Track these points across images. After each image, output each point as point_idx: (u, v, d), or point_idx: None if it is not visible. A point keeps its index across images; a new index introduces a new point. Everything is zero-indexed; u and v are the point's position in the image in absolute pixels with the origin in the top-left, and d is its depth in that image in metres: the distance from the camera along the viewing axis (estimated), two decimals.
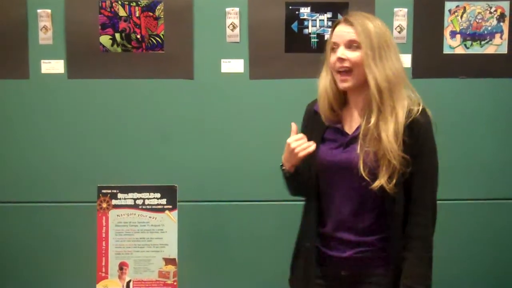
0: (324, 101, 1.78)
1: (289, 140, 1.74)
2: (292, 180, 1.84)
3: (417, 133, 1.71)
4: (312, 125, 1.84)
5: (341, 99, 1.80)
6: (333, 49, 1.74)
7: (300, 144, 1.72)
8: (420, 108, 1.75)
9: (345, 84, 1.72)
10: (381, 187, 1.66)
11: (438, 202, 2.61)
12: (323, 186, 1.79)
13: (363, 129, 1.71)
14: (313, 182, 1.80)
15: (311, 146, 1.72)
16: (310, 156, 1.76)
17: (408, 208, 1.73)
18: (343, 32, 1.72)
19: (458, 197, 2.65)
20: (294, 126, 1.78)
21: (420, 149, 1.72)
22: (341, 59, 1.70)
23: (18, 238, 2.65)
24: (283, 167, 1.81)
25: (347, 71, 1.71)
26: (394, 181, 1.66)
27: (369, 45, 1.69)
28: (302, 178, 1.82)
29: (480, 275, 2.69)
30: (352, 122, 1.79)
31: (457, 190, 2.65)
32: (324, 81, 1.79)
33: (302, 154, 1.72)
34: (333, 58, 1.73)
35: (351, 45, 1.70)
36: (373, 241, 1.75)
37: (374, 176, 1.67)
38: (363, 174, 1.67)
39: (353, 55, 1.70)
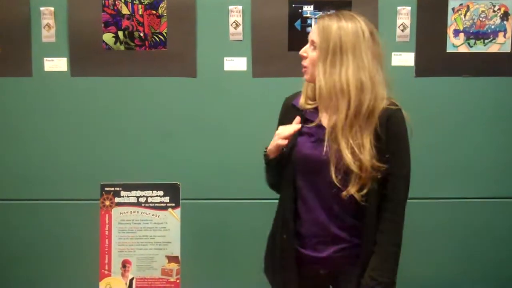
0: (306, 89, 1.82)
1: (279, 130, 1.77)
2: (272, 168, 1.85)
3: (390, 133, 1.71)
4: (291, 119, 1.83)
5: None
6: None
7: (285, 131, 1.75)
8: (393, 108, 1.74)
9: (305, 75, 1.78)
10: (350, 197, 1.67)
11: (442, 200, 2.64)
12: (300, 181, 1.78)
13: (328, 129, 1.71)
14: (289, 176, 1.79)
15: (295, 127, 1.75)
16: (289, 150, 1.79)
17: (381, 204, 1.74)
18: (311, 31, 1.78)
19: (460, 195, 2.65)
20: (298, 119, 1.78)
21: (394, 147, 1.71)
22: (301, 56, 1.77)
23: (21, 236, 2.65)
24: (266, 153, 1.83)
25: (305, 67, 1.77)
26: (365, 190, 1.67)
27: (324, 48, 1.69)
28: (279, 169, 1.83)
29: (482, 273, 2.69)
30: (329, 117, 1.76)
31: (459, 189, 2.65)
32: None
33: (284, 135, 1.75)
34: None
35: (312, 44, 1.75)
36: (349, 238, 1.76)
37: (345, 183, 1.67)
38: (335, 181, 1.67)
39: (311, 54, 1.74)
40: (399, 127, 1.75)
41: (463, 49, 2.59)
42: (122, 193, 2.26)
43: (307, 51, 1.75)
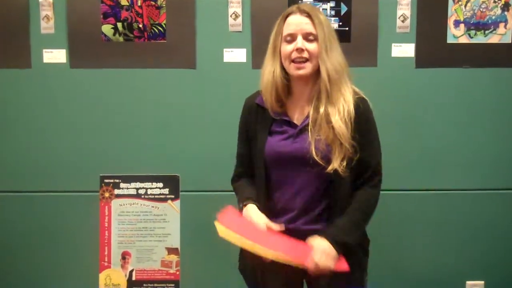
0: (271, 90, 1.81)
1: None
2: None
3: (363, 118, 1.79)
4: (256, 119, 1.86)
5: (287, 89, 1.83)
6: (289, 40, 1.77)
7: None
8: (361, 95, 1.83)
9: (301, 71, 1.76)
10: (334, 172, 1.71)
11: (443, 192, 2.64)
12: (274, 179, 1.82)
13: (312, 117, 1.77)
14: (261, 176, 1.83)
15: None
16: (256, 151, 1.82)
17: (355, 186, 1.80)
18: (302, 23, 1.77)
19: (460, 187, 2.65)
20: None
21: (366, 130, 1.80)
22: (300, 50, 1.75)
23: (20, 228, 2.65)
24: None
25: (304, 61, 1.76)
26: (345, 163, 1.72)
27: (323, 37, 1.76)
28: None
29: (481, 265, 2.70)
30: (299, 113, 1.83)
31: (459, 180, 2.65)
32: (270, 71, 1.82)
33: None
34: (289, 47, 1.76)
35: (308, 37, 1.76)
36: (321, 228, 1.78)
37: (327, 161, 1.72)
38: (316, 159, 1.72)
39: (311, 46, 1.75)
40: (369, 113, 1.84)
41: (464, 40, 2.58)
42: (122, 185, 2.26)
43: (304, 44, 1.75)
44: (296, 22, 1.77)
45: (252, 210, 1.80)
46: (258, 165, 1.84)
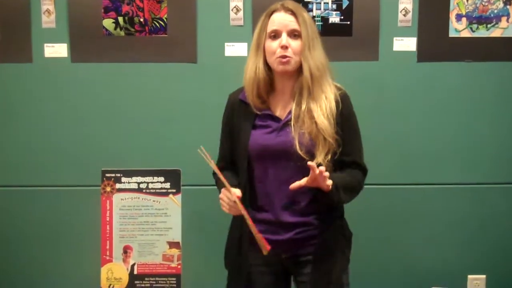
0: (253, 86, 1.84)
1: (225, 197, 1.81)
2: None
3: (345, 113, 1.83)
4: (240, 114, 1.90)
5: (268, 85, 1.85)
6: (273, 36, 1.80)
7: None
8: (343, 90, 1.86)
9: (286, 66, 1.78)
10: (318, 166, 1.70)
11: (445, 186, 2.64)
12: (258, 173, 1.85)
13: (295, 112, 1.80)
14: (244, 170, 1.85)
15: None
16: (240, 145, 1.85)
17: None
18: (286, 20, 1.80)
19: (462, 181, 2.65)
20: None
21: (349, 125, 1.84)
22: (285, 47, 1.77)
23: (22, 222, 2.66)
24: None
25: (288, 57, 1.78)
26: (329, 157, 1.76)
27: (307, 35, 1.79)
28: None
29: (484, 259, 2.70)
30: (282, 108, 1.85)
31: (462, 174, 2.64)
32: (253, 67, 1.84)
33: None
34: (274, 44, 1.78)
35: (293, 34, 1.79)
36: (310, 220, 1.83)
37: (311, 155, 1.75)
38: (300, 153, 1.74)
39: (295, 44, 1.78)
40: (351, 108, 1.87)
41: (466, 34, 2.57)
42: (123, 179, 2.25)
43: (288, 41, 1.78)
44: (281, 20, 1.80)
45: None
46: (242, 159, 1.87)
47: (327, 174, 1.66)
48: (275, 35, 1.79)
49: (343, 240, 1.91)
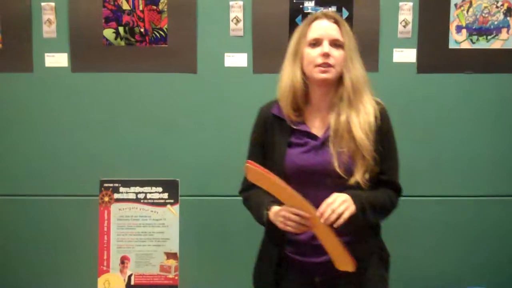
0: (289, 95, 1.75)
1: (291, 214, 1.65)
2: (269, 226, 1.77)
3: (384, 129, 1.76)
4: (273, 130, 1.80)
5: (304, 97, 1.77)
6: (313, 44, 1.73)
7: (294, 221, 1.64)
8: (382, 105, 1.80)
9: (327, 74, 1.71)
10: (356, 185, 1.66)
11: (445, 198, 2.63)
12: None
13: (334, 128, 1.72)
14: None
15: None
16: (274, 163, 1.74)
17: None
18: (329, 29, 1.73)
19: (461, 193, 2.64)
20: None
21: (387, 142, 1.78)
22: (327, 54, 1.70)
23: (20, 231, 2.65)
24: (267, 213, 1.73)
25: (330, 66, 1.71)
26: (367, 176, 1.69)
27: (349, 46, 1.73)
28: None
29: (482, 271, 2.68)
30: (318, 123, 1.77)
31: (462, 187, 2.63)
32: (289, 75, 1.76)
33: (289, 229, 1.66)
34: (315, 52, 1.71)
35: (335, 43, 1.72)
36: (346, 241, 1.69)
37: (350, 173, 1.68)
38: (340, 172, 1.67)
39: (337, 53, 1.72)
40: (390, 124, 1.81)
41: (466, 45, 2.57)
42: (121, 189, 2.26)
43: (331, 50, 1.71)
44: (323, 27, 1.73)
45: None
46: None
47: (332, 208, 1.59)
48: (316, 43, 1.72)
49: (381, 263, 1.82)
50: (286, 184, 1.62)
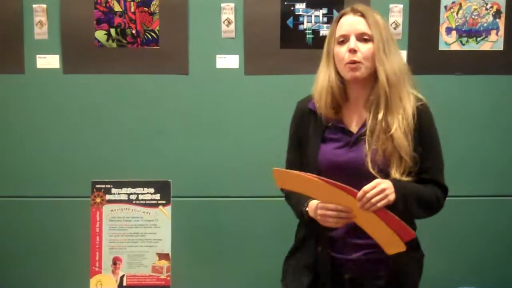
0: (326, 96, 1.70)
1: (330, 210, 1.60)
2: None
3: (425, 128, 1.71)
4: (309, 124, 1.77)
5: (343, 95, 1.72)
6: (341, 42, 1.68)
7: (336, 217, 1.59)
8: (423, 101, 1.75)
9: (356, 73, 1.65)
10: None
11: None
12: None
13: (370, 125, 1.66)
14: None
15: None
16: (308, 158, 1.71)
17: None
18: (354, 23, 1.67)
19: (452, 193, 2.63)
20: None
21: (429, 142, 1.72)
22: (353, 50, 1.65)
23: (11, 233, 2.65)
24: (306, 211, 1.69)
25: (358, 63, 1.66)
26: (404, 177, 1.63)
27: (380, 38, 1.66)
28: None
29: (477, 272, 2.70)
30: (354, 120, 1.73)
31: (450, 187, 2.64)
32: (325, 76, 1.72)
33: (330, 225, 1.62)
34: (343, 49, 1.67)
35: (362, 37, 1.66)
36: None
37: (385, 174, 1.62)
38: (372, 172, 1.61)
39: (365, 47, 1.66)
40: (431, 122, 1.76)
41: (456, 47, 2.59)
42: (113, 190, 2.26)
43: (357, 45, 1.65)
44: (349, 23, 1.67)
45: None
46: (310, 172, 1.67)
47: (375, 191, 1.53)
48: (344, 39, 1.67)
49: (416, 266, 1.81)
50: (317, 177, 1.55)
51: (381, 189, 1.54)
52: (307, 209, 1.70)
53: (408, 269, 1.77)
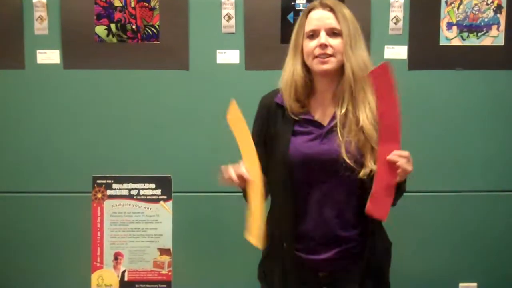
0: (290, 89, 1.73)
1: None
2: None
3: None
4: (276, 119, 1.77)
5: (308, 88, 1.74)
6: (311, 36, 1.70)
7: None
8: None
9: (326, 66, 1.67)
10: (367, 177, 1.63)
11: (435, 194, 2.64)
12: (298, 183, 1.70)
13: (340, 118, 1.68)
14: (285, 180, 1.71)
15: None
16: (279, 153, 1.72)
17: None
18: (324, 18, 1.69)
19: (453, 189, 2.66)
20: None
21: None
22: (324, 45, 1.67)
23: (13, 228, 2.65)
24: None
25: (330, 56, 1.67)
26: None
27: (348, 33, 1.68)
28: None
29: (476, 267, 2.70)
30: (323, 113, 1.74)
31: (452, 182, 2.65)
32: (291, 69, 1.74)
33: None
34: (312, 44, 1.68)
35: (332, 32, 1.68)
36: (354, 236, 1.72)
37: (359, 165, 1.64)
38: (349, 163, 1.63)
39: (335, 42, 1.67)
40: None
41: (456, 42, 2.59)
42: (114, 185, 2.26)
43: (328, 40, 1.67)
44: (319, 17, 1.69)
45: None
46: (279, 169, 1.71)
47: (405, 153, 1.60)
48: (313, 34, 1.68)
49: (386, 256, 1.85)
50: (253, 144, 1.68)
51: (410, 160, 1.62)
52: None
53: (380, 260, 1.80)
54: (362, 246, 1.73)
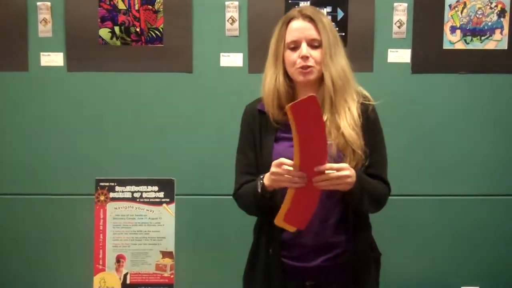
0: (273, 98, 1.74)
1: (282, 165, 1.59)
2: (266, 200, 1.71)
3: (370, 124, 1.75)
4: (260, 126, 1.80)
5: (290, 96, 1.76)
6: (293, 48, 1.72)
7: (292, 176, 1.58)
8: (368, 98, 1.79)
9: (308, 76, 1.70)
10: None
11: (439, 197, 2.63)
12: (281, 191, 1.67)
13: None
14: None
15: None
16: (263, 159, 1.73)
17: None
18: (305, 29, 1.71)
19: (457, 192, 2.65)
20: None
21: (374, 137, 1.76)
22: (306, 57, 1.69)
23: (16, 230, 2.66)
24: (264, 186, 1.67)
25: (311, 67, 1.70)
26: (359, 167, 1.67)
27: (327, 43, 1.70)
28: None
29: (474, 271, 2.70)
30: None
31: (454, 186, 2.65)
32: (272, 77, 1.76)
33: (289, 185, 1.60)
34: (295, 55, 1.71)
35: (313, 43, 1.71)
36: (341, 242, 1.72)
37: None
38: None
39: (316, 53, 1.71)
40: (375, 118, 1.79)
41: (460, 46, 2.59)
42: (117, 188, 2.25)
43: (309, 51, 1.70)
44: (300, 28, 1.71)
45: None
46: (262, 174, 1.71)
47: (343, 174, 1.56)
48: (295, 46, 1.71)
49: (375, 267, 1.82)
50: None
51: (345, 175, 1.57)
52: (263, 180, 1.68)
53: (368, 271, 1.78)
54: (349, 254, 1.73)
